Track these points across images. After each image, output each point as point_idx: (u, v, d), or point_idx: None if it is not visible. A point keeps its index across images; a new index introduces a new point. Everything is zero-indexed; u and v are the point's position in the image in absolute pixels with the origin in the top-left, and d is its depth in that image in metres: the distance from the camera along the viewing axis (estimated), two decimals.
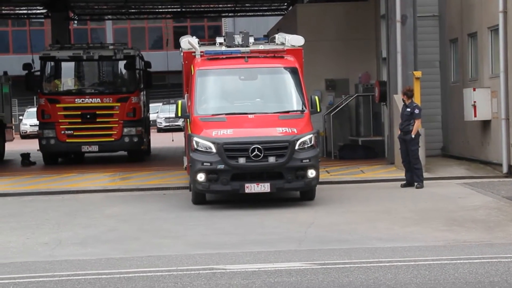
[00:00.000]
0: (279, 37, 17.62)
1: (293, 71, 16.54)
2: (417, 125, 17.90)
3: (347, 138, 25.45)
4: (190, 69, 16.87)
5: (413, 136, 17.87)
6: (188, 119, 16.35)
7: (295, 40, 17.11)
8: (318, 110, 16.27)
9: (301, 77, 16.50)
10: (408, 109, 17.98)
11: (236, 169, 15.14)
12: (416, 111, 17.96)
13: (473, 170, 20.28)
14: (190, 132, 15.90)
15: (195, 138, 15.44)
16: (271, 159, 15.16)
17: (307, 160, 15.31)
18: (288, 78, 16.63)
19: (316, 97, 16.30)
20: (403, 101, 18.29)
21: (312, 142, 15.53)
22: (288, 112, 16.07)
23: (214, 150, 15.20)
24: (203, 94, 16.34)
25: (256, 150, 15.06)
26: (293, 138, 15.27)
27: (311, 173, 15.39)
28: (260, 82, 16.76)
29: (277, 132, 15.44)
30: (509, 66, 19.01)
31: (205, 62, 16.61)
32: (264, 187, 15.20)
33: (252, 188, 15.20)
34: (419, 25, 21.26)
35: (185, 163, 17.39)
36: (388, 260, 10.73)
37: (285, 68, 16.68)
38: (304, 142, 15.40)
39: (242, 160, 15.13)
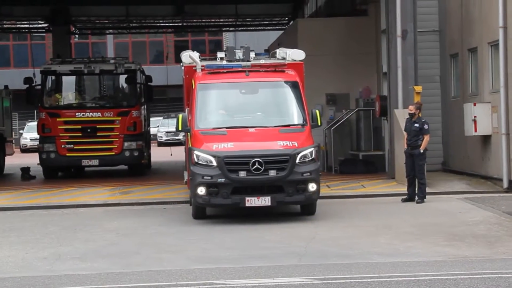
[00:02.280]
0: (280, 52, 17.62)
1: (294, 85, 16.52)
2: (426, 140, 17.93)
3: (348, 153, 25.43)
4: (191, 83, 16.88)
5: (421, 151, 17.87)
6: (188, 133, 16.28)
7: (296, 54, 17.15)
8: (319, 124, 16.21)
9: (302, 91, 16.45)
10: (417, 125, 17.98)
11: (236, 182, 15.08)
12: (425, 126, 18.02)
13: (474, 185, 20.26)
14: (190, 146, 15.86)
15: (196, 152, 15.39)
16: (272, 173, 15.10)
17: (308, 174, 15.24)
18: (289, 92, 16.61)
19: (317, 111, 16.27)
20: (410, 115, 18.27)
21: (313, 156, 15.46)
22: (289, 125, 16.06)
23: (214, 163, 15.13)
24: (204, 107, 16.29)
25: (256, 164, 15.00)
26: (293, 152, 15.22)
27: (312, 186, 15.32)
28: (261, 96, 16.71)
29: (278, 145, 15.40)
30: (509, 81, 19.02)
31: (206, 76, 16.61)
32: (264, 201, 15.14)
33: (253, 201, 15.13)
34: (419, 40, 21.29)
35: (186, 178, 17.35)
36: (388, 275, 10.69)
37: (286, 82, 16.64)
38: (305, 156, 15.34)
39: (242, 174, 15.06)
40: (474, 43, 21.30)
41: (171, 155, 30.42)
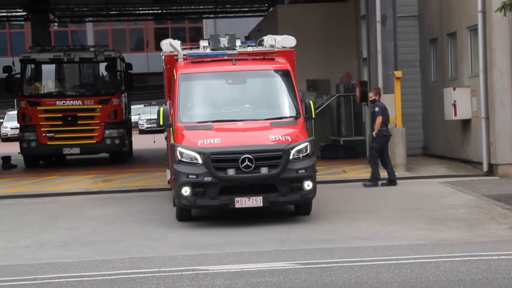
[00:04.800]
0: (268, 39, 16.18)
1: (285, 74, 15.21)
2: (377, 123, 18.17)
3: (329, 138, 25.51)
4: (172, 73, 15.60)
5: (374, 134, 18.17)
6: (171, 128, 14.94)
7: (286, 41, 15.83)
8: (313, 116, 14.87)
9: (294, 81, 15.14)
10: (372, 109, 18.49)
11: (224, 181, 13.68)
12: (376, 108, 18.41)
13: (454, 169, 20.40)
14: (173, 142, 14.48)
15: (179, 148, 14.00)
16: (264, 170, 13.70)
17: (303, 171, 13.86)
18: (280, 81, 15.34)
19: (311, 102, 14.94)
20: (371, 102, 18.71)
21: (308, 151, 14.07)
22: (280, 118, 14.71)
23: (200, 161, 13.73)
24: (187, 100, 14.95)
25: (246, 161, 13.61)
26: (287, 147, 13.83)
27: (308, 184, 13.91)
28: (249, 86, 15.37)
29: (270, 140, 13.98)
30: (488, 65, 19.14)
31: (188, 65, 15.25)
32: (256, 201, 13.74)
33: (243, 202, 13.72)
34: (399, 25, 21.34)
35: (168, 177, 16.07)
36: (370, 259, 10.77)
37: (276, 70, 15.37)
38: (299, 151, 13.97)
39: (231, 172, 13.67)
40: (453, 27, 21.39)
41: (154, 142, 30.33)
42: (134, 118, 40.80)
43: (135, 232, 13.85)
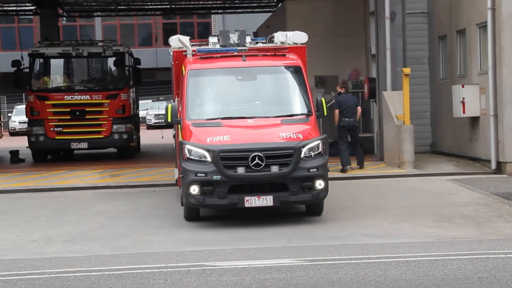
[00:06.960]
0: (279, 35, 15.86)
1: (296, 71, 14.99)
2: (335, 115, 19.91)
3: (337, 135, 25.45)
4: (180, 69, 15.37)
5: (336, 126, 19.93)
6: (179, 125, 14.68)
7: (298, 37, 15.59)
8: (325, 113, 14.60)
9: (305, 77, 14.93)
10: None
11: (234, 180, 13.37)
12: (334, 101, 19.88)
13: (462, 166, 20.36)
14: (181, 139, 14.16)
15: (188, 146, 13.68)
16: (274, 169, 13.38)
17: (315, 170, 13.54)
18: (291, 78, 15.10)
19: (322, 99, 14.68)
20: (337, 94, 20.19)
21: (320, 149, 13.75)
22: (292, 115, 14.44)
23: (209, 158, 13.43)
24: (196, 96, 14.66)
25: (256, 159, 13.29)
26: (298, 145, 13.52)
27: (319, 184, 13.60)
28: (260, 82, 15.06)
29: (280, 138, 13.72)
30: (497, 62, 19.09)
31: (197, 61, 15.00)
32: (266, 201, 13.43)
33: (253, 201, 13.41)
34: (408, 22, 21.31)
35: (176, 175, 15.95)
36: (377, 256, 10.76)
37: (287, 67, 15.12)
38: (311, 149, 13.66)
39: (241, 170, 13.35)
40: (462, 24, 21.34)
41: (162, 137, 30.36)
42: (142, 113, 40.86)
43: (142, 227, 13.87)
